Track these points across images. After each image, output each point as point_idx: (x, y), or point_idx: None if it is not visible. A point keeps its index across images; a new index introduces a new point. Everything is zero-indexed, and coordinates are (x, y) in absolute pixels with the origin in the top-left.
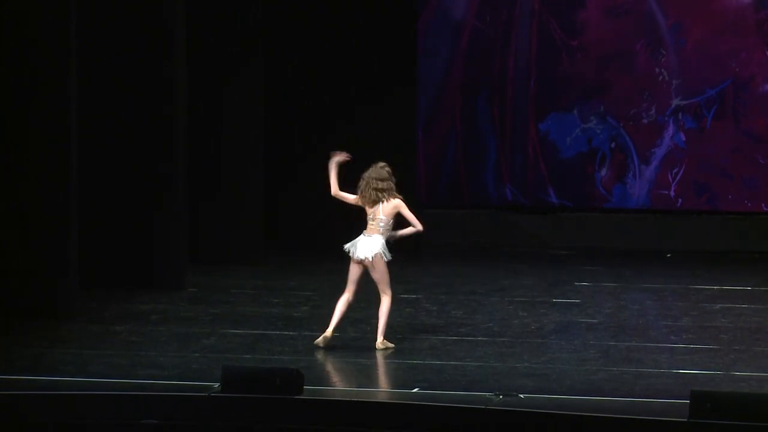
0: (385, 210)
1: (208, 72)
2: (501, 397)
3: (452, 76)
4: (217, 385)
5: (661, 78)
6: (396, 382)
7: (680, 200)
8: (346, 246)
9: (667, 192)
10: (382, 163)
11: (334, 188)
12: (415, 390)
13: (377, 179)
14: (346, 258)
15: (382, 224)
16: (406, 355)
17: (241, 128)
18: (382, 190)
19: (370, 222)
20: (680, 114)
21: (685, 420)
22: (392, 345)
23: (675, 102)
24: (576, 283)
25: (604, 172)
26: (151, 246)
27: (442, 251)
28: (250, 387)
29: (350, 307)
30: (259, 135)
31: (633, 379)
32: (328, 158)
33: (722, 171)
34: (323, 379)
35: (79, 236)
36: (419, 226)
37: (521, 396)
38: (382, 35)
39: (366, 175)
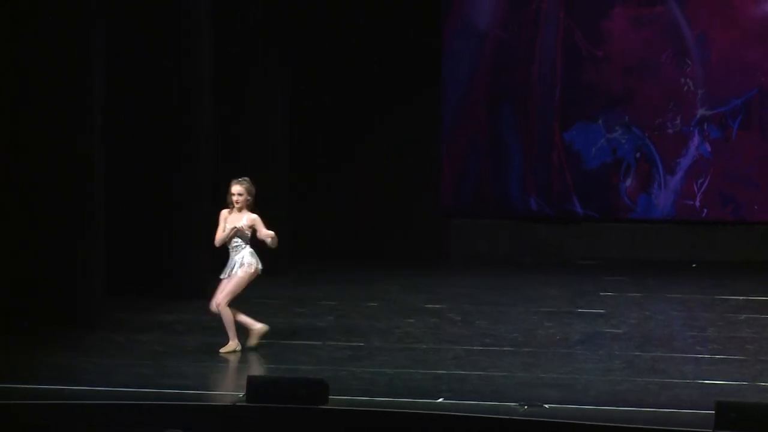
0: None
1: (232, 81)
2: (526, 407)
3: (477, 86)
4: (242, 395)
5: (686, 88)
6: (421, 392)
7: (705, 210)
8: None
9: (692, 202)
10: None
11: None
12: (440, 400)
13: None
14: (366, 268)
15: None
16: (431, 365)
17: (266, 139)
18: None
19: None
20: (705, 124)
21: (710, 431)
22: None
23: (700, 112)
24: (601, 294)
25: (629, 182)
26: (177, 255)
27: (466, 261)
28: (275, 397)
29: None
30: (283, 145)
31: (658, 389)
32: (354, 169)
33: (748, 181)
34: (348, 389)
35: (104, 246)
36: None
37: (546, 406)
38: (406, 46)
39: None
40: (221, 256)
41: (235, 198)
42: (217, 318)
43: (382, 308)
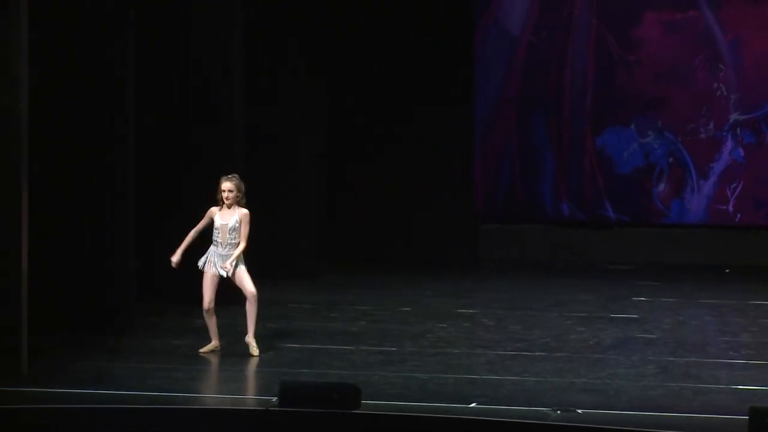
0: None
1: (269, 85)
2: (559, 412)
3: (509, 91)
4: (275, 399)
5: (719, 93)
6: (453, 396)
7: (739, 215)
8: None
9: (725, 207)
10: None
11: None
12: (473, 405)
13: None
14: (398, 272)
15: None
16: (464, 369)
17: (298, 144)
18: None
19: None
20: (738, 129)
21: None
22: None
23: (733, 117)
24: (634, 299)
25: (661, 187)
26: None
27: (498, 266)
28: (308, 401)
29: None
30: (316, 150)
31: (691, 395)
32: (385, 173)
33: None
34: (381, 394)
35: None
36: None
37: (579, 411)
38: (438, 51)
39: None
40: (259, 261)
41: (225, 195)
42: (236, 322)
43: (414, 313)
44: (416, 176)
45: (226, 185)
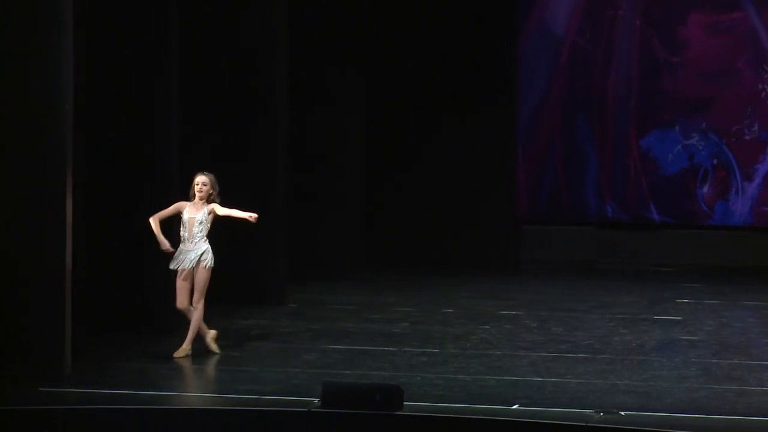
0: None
1: (309, 84)
2: (602, 414)
3: (552, 92)
4: (317, 400)
5: (764, 94)
6: (496, 398)
7: None
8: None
9: None
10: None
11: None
12: (516, 406)
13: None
14: (441, 274)
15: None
16: (507, 371)
17: (341, 145)
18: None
19: None
20: None
21: None
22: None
23: None
24: (677, 301)
25: (706, 188)
26: (253, 262)
27: (541, 267)
28: (350, 403)
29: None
30: (358, 152)
31: (735, 397)
32: (428, 174)
33: None
34: (423, 395)
35: None
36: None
37: (622, 413)
38: (482, 52)
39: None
40: (300, 262)
41: (198, 188)
42: (278, 323)
43: (457, 314)
44: (459, 178)
45: (201, 179)
